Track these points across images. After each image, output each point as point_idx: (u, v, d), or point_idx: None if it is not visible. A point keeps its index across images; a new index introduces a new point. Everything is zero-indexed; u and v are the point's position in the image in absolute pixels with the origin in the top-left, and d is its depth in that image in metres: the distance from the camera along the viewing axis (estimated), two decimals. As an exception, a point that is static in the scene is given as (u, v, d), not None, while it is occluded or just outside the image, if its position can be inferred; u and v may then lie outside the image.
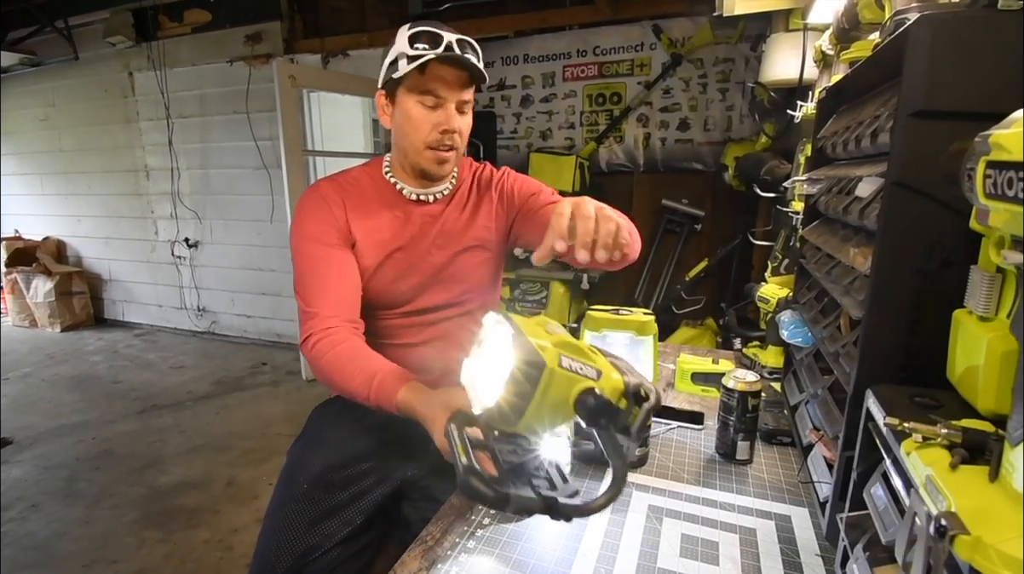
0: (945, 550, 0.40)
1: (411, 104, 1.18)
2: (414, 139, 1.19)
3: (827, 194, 1.04)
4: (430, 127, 1.18)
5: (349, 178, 1.29)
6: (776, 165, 2.35)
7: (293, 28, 4.47)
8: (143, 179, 5.35)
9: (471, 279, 1.32)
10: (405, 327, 1.29)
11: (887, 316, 0.70)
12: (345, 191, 1.25)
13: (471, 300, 1.33)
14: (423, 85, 1.15)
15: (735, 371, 1.16)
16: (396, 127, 1.23)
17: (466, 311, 1.33)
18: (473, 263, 1.31)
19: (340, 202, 1.23)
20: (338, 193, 1.24)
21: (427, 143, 1.19)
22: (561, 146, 4.10)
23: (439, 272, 1.28)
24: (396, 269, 1.25)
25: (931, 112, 0.64)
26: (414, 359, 1.27)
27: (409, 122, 1.19)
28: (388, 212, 1.26)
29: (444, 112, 1.18)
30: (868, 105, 0.93)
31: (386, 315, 1.28)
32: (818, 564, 0.83)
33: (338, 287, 1.18)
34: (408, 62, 1.13)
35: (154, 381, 4.29)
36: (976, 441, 0.48)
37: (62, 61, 5.17)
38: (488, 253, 1.34)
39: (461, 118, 1.21)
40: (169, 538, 2.43)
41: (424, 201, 1.29)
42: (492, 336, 0.75)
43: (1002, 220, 0.44)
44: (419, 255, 1.27)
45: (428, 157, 1.21)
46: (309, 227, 1.21)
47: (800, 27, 2.05)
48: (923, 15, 0.64)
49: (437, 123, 1.18)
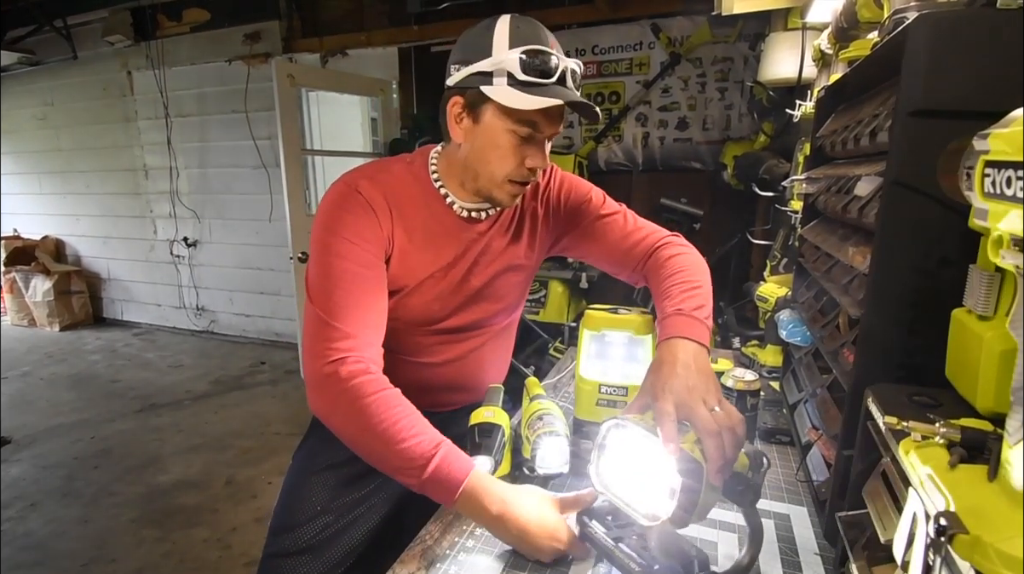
0: (944, 549, 0.40)
1: (501, 131, 1.00)
2: (496, 170, 1.03)
3: (826, 193, 1.04)
4: (519, 161, 1.02)
5: (393, 180, 1.08)
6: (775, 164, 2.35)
7: (292, 27, 4.47)
8: (142, 178, 5.35)
9: (506, 299, 1.22)
10: (434, 345, 1.18)
11: (886, 315, 0.70)
12: (390, 197, 1.06)
13: (502, 319, 1.25)
14: (524, 115, 0.97)
15: (734, 370, 1.16)
16: (474, 148, 1.03)
17: (495, 329, 1.25)
18: (510, 284, 1.21)
19: (387, 210, 1.04)
20: (384, 199, 1.04)
21: (510, 177, 1.03)
22: (560, 145, 4.09)
23: (476, 293, 1.17)
24: (435, 289, 1.12)
25: (930, 111, 0.64)
26: (439, 377, 1.21)
27: (495, 151, 1.01)
28: (435, 227, 1.10)
29: (537, 147, 1.02)
30: (867, 104, 0.93)
31: (415, 332, 1.16)
32: (817, 563, 0.83)
33: (370, 312, 0.99)
34: (514, 85, 0.95)
35: (153, 380, 4.29)
36: (975, 440, 0.48)
37: (61, 60, 5.16)
38: (525, 273, 1.23)
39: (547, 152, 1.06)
40: (168, 537, 2.43)
41: (476, 219, 1.13)
42: (617, 441, 0.80)
43: (1001, 219, 0.44)
44: (460, 275, 1.14)
45: (507, 190, 1.05)
46: (349, 233, 1.00)
47: (799, 26, 2.05)
48: (922, 14, 0.64)
49: (526, 157, 1.01)
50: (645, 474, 0.76)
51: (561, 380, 1.55)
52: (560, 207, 1.20)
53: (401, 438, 0.84)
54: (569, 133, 4.10)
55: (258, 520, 2.52)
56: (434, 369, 1.19)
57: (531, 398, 1.14)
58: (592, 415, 1.08)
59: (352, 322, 0.94)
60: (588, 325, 1.10)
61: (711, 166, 3.72)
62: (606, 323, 1.09)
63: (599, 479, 0.82)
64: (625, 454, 0.79)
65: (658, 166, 3.89)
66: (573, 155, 3.67)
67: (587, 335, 1.11)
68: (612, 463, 0.81)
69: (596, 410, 1.07)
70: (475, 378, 1.25)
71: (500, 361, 1.33)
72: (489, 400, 1.12)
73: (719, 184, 3.48)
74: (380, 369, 0.94)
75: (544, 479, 1.03)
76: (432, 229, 1.09)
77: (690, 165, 3.82)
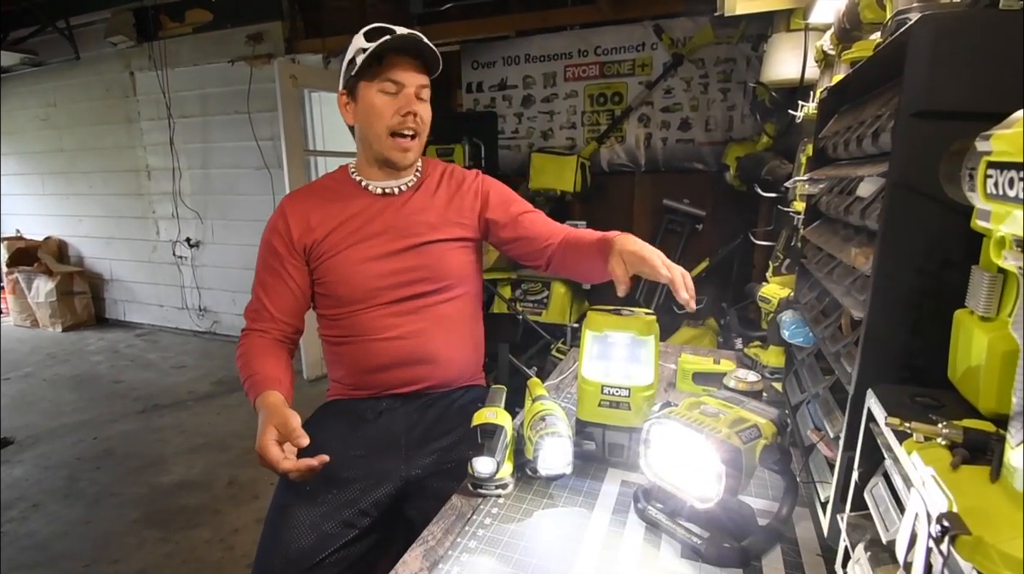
0: (946, 550, 0.40)
1: (372, 94, 1.25)
2: (377, 127, 1.27)
3: (828, 194, 1.03)
4: (392, 112, 1.25)
5: (314, 185, 1.42)
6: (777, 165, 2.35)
7: (294, 28, 4.47)
8: (144, 179, 5.35)
9: (451, 267, 1.35)
10: (392, 318, 1.31)
11: (888, 316, 0.70)
12: (309, 197, 1.36)
13: (453, 287, 1.36)
14: (382, 73, 1.23)
15: (736, 371, 1.15)
16: (360, 121, 1.30)
17: (450, 299, 1.36)
18: (450, 252, 1.35)
19: (297, 209, 1.33)
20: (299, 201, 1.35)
21: (390, 128, 1.26)
22: (562, 146, 4.09)
23: (415, 259, 1.31)
24: (367, 257, 1.30)
25: (932, 112, 0.64)
26: (406, 350, 1.31)
27: (372, 111, 1.26)
28: (353, 206, 1.33)
29: (404, 97, 1.25)
30: (869, 105, 0.93)
31: (369, 309, 1.31)
32: (819, 564, 0.83)
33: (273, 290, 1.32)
34: (364, 55, 1.21)
35: (155, 381, 4.30)
36: (977, 441, 0.48)
37: (63, 61, 5.18)
38: (466, 244, 1.39)
39: (420, 104, 1.28)
40: (170, 538, 2.44)
41: (389, 193, 1.35)
42: (659, 435, 0.90)
43: (1003, 220, 0.44)
44: (388, 242, 1.31)
45: (390, 145, 1.28)
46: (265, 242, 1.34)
47: (801, 27, 2.05)
48: (924, 15, 0.64)
49: (398, 107, 1.25)
50: (690, 461, 0.85)
51: (563, 381, 1.55)
52: (488, 196, 1.41)
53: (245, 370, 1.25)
54: (572, 134, 4.10)
55: (260, 521, 2.51)
56: (401, 342, 1.31)
57: (533, 399, 1.14)
58: (594, 416, 1.08)
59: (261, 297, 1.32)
60: (590, 326, 1.10)
61: (714, 167, 3.72)
62: (608, 324, 1.09)
63: (650, 470, 0.91)
64: (668, 445, 0.88)
65: (660, 167, 3.89)
66: (576, 156, 3.67)
67: (589, 336, 1.11)
68: (659, 455, 0.90)
69: (598, 411, 1.07)
70: (433, 350, 1.35)
71: (460, 335, 1.40)
72: (492, 401, 1.12)
73: (721, 185, 3.48)
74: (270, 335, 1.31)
75: (547, 480, 1.03)
76: (351, 208, 1.33)
77: (693, 166, 3.83)
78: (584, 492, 1.02)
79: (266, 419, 1.07)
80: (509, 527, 0.92)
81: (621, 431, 1.08)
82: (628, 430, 1.07)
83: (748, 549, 0.84)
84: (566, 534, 0.90)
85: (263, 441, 1.03)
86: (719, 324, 3.58)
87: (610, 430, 1.08)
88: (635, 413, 1.05)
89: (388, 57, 1.23)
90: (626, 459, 1.09)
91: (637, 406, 1.05)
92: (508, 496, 1.01)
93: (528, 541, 0.88)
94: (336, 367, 1.39)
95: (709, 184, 3.73)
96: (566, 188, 3.65)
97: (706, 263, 3.66)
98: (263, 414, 1.10)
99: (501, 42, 4.13)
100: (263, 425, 1.06)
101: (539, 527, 0.92)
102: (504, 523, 0.93)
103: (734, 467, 0.79)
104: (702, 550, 0.84)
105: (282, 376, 1.23)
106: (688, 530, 0.87)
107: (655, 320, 1.10)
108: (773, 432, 0.87)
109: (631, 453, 1.07)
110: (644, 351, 1.09)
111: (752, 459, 0.82)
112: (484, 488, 1.01)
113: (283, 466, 1.01)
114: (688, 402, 0.92)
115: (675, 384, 1.47)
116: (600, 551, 0.86)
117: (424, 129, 1.31)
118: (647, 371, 1.08)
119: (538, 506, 0.98)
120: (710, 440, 0.81)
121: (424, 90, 1.28)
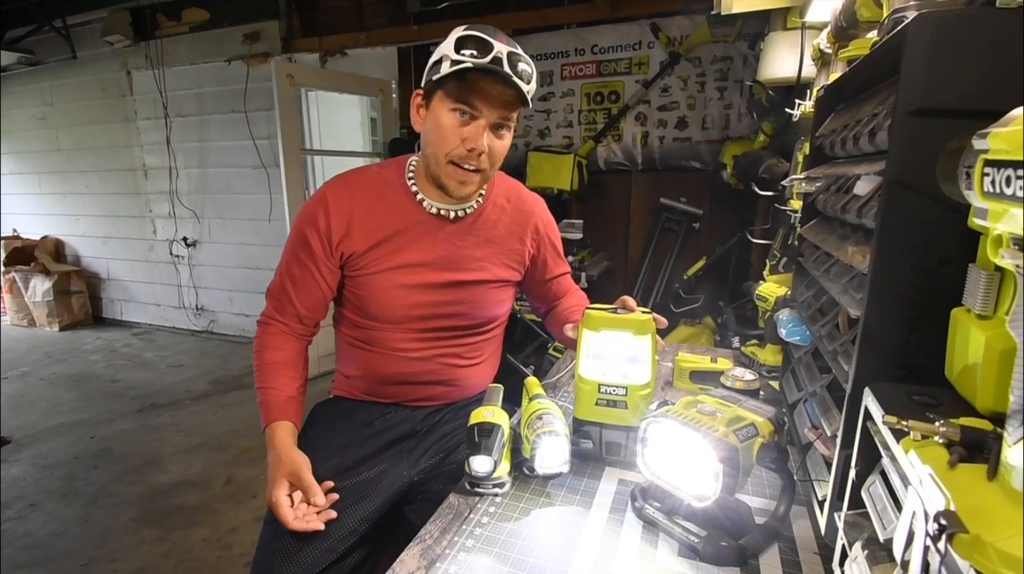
0: (943, 548, 0.40)
1: (443, 112, 1.11)
2: (438, 150, 1.13)
3: (825, 192, 1.04)
4: (458, 141, 1.11)
5: (364, 180, 1.24)
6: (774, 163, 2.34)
7: (291, 27, 4.47)
8: (141, 178, 5.34)
9: (491, 308, 1.32)
10: (418, 342, 1.27)
11: (885, 314, 0.70)
12: (354, 195, 1.21)
13: (487, 323, 1.34)
14: (461, 95, 1.08)
15: (733, 369, 1.15)
16: (425, 133, 1.16)
17: (481, 332, 1.34)
18: (493, 292, 1.31)
19: (341, 207, 1.20)
20: (345, 198, 1.21)
21: (450, 157, 1.12)
22: (559, 145, 4.09)
23: (457, 295, 1.25)
24: (406, 284, 1.22)
25: (929, 110, 0.64)
26: (428, 371, 1.29)
27: (437, 130, 1.12)
28: (401, 220, 1.21)
29: (476, 128, 1.10)
30: (866, 103, 0.93)
31: (397, 330, 1.26)
32: (816, 562, 0.83)
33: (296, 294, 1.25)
34: (450, 66, 1.06)
35: (152, 380, 4.29)
36: (975, 439, 0.48)
37: (60, 60, 5.17)
38: (511, 286, 1.36)
39: (495, 139, 1.13)
40: (168, 537, 2.43)
41: (444, 217, 1.23)
42: (655, 434, 0.90)
43: (1000, 218, 0.44)
44: (432, 273, 1.23)
45: (449, 173, 1.14)
46: (299, 239, 1.22)
47: (798, 25, 2.05)
48: (921, 13, 0.64)
49: (466, 138, 1.10)
50: (686, 459, 0.85)
51: (560, 379, 1.55)
52: (545, 246, 1.38)
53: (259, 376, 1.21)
54: (568, 133, 4.10)
55: (258, 520, 2.52)
56: (420, 362, 1.28)
57: (530, 398, 1.14)
58: (591, 415, 1.08)
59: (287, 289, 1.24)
60: (588, 325, 1.10)
61: (710, 165, 3.72)
62: (606, 323, 1.09)
63: (648, 469, 0.91)
64: (665, 444, 0.88)
65: (657, 165, 3.89)
66: (572, 155, 3.67)
67: (587, 335, 1.11)
68: (656, 453, 0.90)
69: (595, 410, 1.07)
70: (456, 375, 1.33)
71: (484, 361, 1.39)
72: (489, 400, 1.12)
73: (718, 183, 3.48)
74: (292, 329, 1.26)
75: (544, 478, 1.03)
76: (398, 224, 1.21)
77: (689, 164, 3.82)
78: (581, 491, 1.02)
79: (277, 467, 1.06)
80: (506, 526, 0.92)
81: (618, 430, 1.08)
82: (625, 429, 1.07)
83: (745, 548, 0.84)
84: (563, 533, 0.90)
85: (275, 496, 1.02)
86: (716, 322, 3.59)
87: (607, 429, 1.08)
88: (632, 412, 1.05)
89: (473, 77, 1.07)
90: (623, 458, 1.09)
91: (634, 405, 1.05)
92: (505, 495, 1.01)
93: (525, 540, 0.88)
94: (348, 364, 1.36)
95: (706, 183, 3.73)
96: (563, 187, 3.65)
97: (703, 262, 3.66)
98: (273, 454, 1.09)
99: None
100: (274, 474, 1.05)
101: (536, 526, 0.92)
102: (501, 522, 0.93)
103: (731, 466, 0.80)
104: (699, 549, 0.84)
105: (296, 393, 1.21)
106: (685, 529, 0.87)
107: (652, 319, 1.10)
108: (770, 430, 0.87)
109: (628, 452, 1.07)
110: (641, 350, 1.09)
111: (749, 458, 0.83)
112: (481, 487, 1.00)
113: (294, 526, 1.00)
114: (685, 400, 0.92)
115: (672, 382, 1.47)
116: (597, 550, 0.86)
117: (494, 164, 1.17)
118: (644, 370, 1.08)
119: (535, 505, 0.98)
120: (707, 439, 0.81)
121: (505, 125, 1.13)
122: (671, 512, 0.91)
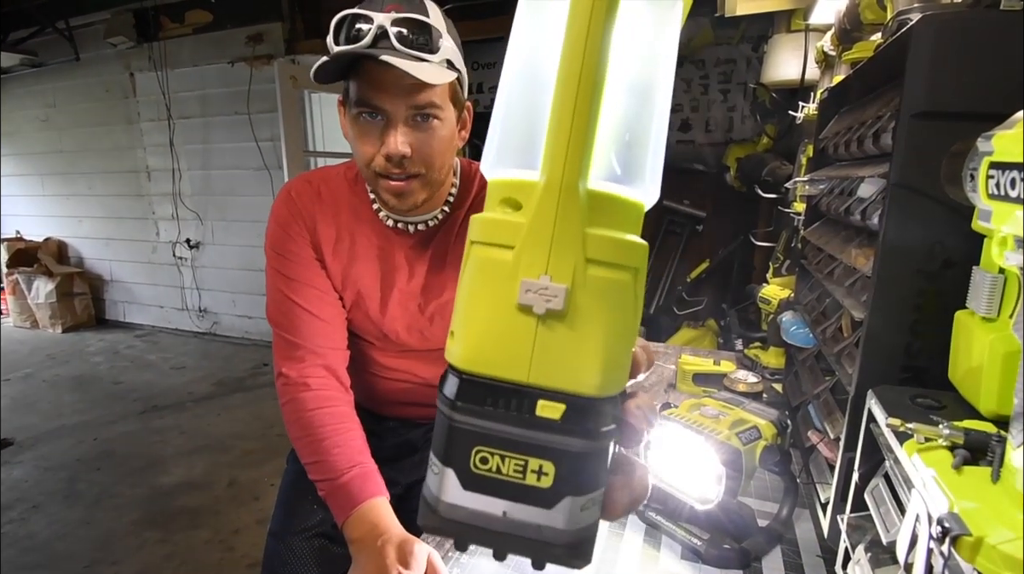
0: (947, 551, 0.40)
1: (349, 120, 0.91)
2: (361, 163, 0.92)
3: (829, 195, 1.03)
4: (372, 150, 0.88)
5: (326, 182, 1.05)
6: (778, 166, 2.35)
7: (294, 29, 4.47)
8: (144, 180, 5.35)
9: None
10: (406, 361, 1.15)
11: (889, 317, 0.70)
12: (320, 197, 1.03)
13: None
14: (357, 94, 0.87)
15: (736, 372, 1.15)
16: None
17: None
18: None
19: (311, 213, 1.02)
20: (311, 199, 1.03)
21: (373, 169, 0.90)
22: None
23: (430, 315, 1.08)
24: (367, 302, 1.06)
25: (933, 113, 0.64)
26: (419, 393, 1.18)
27: (353, 143, 0.92)
28: (362, 236, 1.03)
29: (388, 129, 0.87)
30: (870, 106, 0.93)
31: (380, 349, 1.14)
32: (819, 565, 0.83)
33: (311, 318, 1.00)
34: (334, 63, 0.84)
35: (155, 382, 4.29)
36: (978, 442, 0.48)
37: (63, 62, 5.18)
38: None
39: (417, 134, 0.88)
40: (170, 539, 2.43)
41: (403, 231, 1.02)
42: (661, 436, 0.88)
43: (1005, 220, 0.43)
44: (398, 292, 1.06)
45: (381, 186, 0.92)
46: (280, 246, 1.01)
47: (802, 28, 2.05)
48: (925, 16, 0.64)
49: (378, 146, 0.88)
50: (689, 462, 0.85)
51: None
52: None
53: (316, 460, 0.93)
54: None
55: (260, 522, 2.52)
56: (392, 383, 1.16)
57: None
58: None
59: (295, 331, 0.99)
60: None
61: (714, 168, 3.72)
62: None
63: (650, 472, 0.89)
64: (668, 447, 0.88)
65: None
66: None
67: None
68: (659, 456, 0.89)
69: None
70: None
71: None
72: None
73: (722, 186, 3.49)
74: (330, 373, 1.00)
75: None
76: (359, 237, 1.03)
77: (693, 167, 3.82)
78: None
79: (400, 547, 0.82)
80: (509, 528, 0.91)
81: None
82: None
83: (748, 550, 0.84)
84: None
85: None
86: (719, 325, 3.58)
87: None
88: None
89: (361, 68, 0.85)
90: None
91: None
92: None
93: (528, 542, 0.88)
94: None
95: (709, 185, 3.73)
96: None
97: (706, 264, 3.66)
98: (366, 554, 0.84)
99: (500, 42, 4.11)
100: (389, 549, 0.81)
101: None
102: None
103: (734, 468, 0.80)
104: (702, 551, 0.84)
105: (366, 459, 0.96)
106: (688, 531, 0.88)
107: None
108: (773, 433, 0.87)
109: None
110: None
111: (752, 460, 0.83)
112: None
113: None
114: (688, 403, 0.92)
115: (675, 385, 1.47)
116: (600, 553, 0.86)
117: (431, 164, 0.91)
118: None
119: (538, 507, 0.97)
120: (710, 441, 0.82)
121: (426, 112, 0.87)
122: (674, 515, 0.91)
